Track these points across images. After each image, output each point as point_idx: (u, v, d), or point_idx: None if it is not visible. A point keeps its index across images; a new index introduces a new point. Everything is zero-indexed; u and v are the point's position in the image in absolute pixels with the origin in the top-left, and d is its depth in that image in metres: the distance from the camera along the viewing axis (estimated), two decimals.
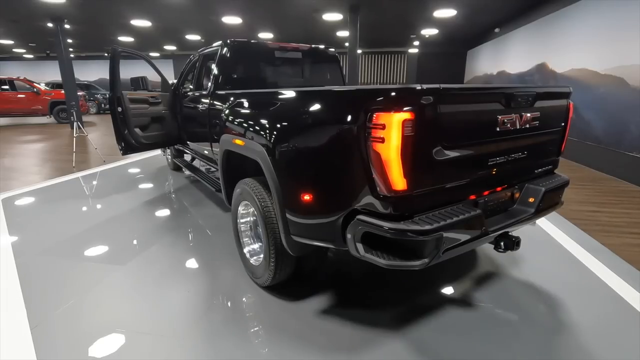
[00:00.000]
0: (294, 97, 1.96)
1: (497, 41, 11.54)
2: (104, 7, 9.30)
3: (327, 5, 8.98)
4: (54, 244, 3.05)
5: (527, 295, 2.34)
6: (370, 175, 1.51)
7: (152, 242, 3.09)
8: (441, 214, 1.59)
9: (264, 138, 2.00)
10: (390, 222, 1.49)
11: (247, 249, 2.47)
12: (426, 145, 1.49)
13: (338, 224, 1.69)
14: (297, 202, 1.83)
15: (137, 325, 2.00)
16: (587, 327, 2.01)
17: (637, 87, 5.11)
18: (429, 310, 2.14)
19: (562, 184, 2.18)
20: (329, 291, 2.33)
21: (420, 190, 1.54)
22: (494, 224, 1.85)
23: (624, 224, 3.60)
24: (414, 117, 1.41)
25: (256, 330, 1.98)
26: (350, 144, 1.55)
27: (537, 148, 2.08)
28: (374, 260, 1.57)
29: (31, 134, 10.17)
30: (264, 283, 2.25)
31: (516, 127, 1.80)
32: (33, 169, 5.92)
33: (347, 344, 1.85)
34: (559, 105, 2.12)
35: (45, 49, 18.47)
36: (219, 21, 10.85)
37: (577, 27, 6.71)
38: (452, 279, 2.50)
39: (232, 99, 2.69)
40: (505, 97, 1.71)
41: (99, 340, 1.88)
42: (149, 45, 17.52)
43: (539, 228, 3.41)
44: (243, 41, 3.47)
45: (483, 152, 1.73)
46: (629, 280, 2.49)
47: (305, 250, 1.99)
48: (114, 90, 3.92)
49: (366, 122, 1.47)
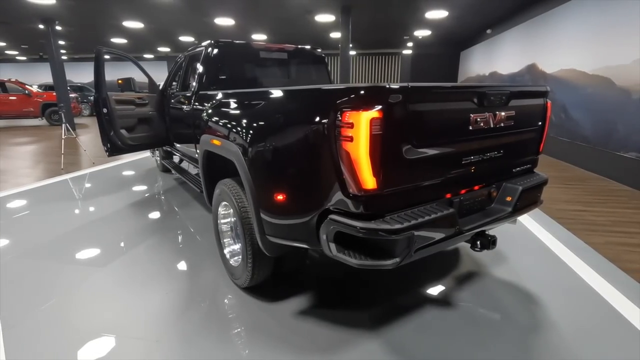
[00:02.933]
0: (267, 97, 1.96)
1: (489, 42, 11.61)
2: (94, 8, 9.26)
3: (319, 6, 8.99)
4: (35, 246, 3.02)
5: (506, 294, 2.34)
6: (340, 175, 1.50)
7: (136, 244, 3.07)
8: (414, 212, 1.59)
9: (239, 138, 2.00)
10: (361, 222, 1.49)
11: (227, 249, 2.46)
12: (395, 144, 1.48)
13: (312, 223, 1.68)
14: (271, 202, 1.82)
15: (113, 327, 1.98)
16: (563, 325, 2.01)
17: (623, 86, 5.15)
18: (408, 310, 2.14)
19: (541, 182, 2.19)
20: (309, 292, 2.32)
21: (391, 189, 1.53)
22: (470, 222, 1.85)
23: (609, 223, 3.61)
24: (382, 115, 1.40)
25: (233, 331, 1.96)
26: (321, 143, 1.54)
27: (514, 147, 2.08)
28: (345, 260, 1.56)
29: (22, 136, 10.09)
30: (243, 284, 2.24)
31: (490, 126, 1.80)
32: (21, 171, 5.86)
33: (323, 345, 1.84)
34: (535, 105, 2.13)
35: (38, 51, 18.36)
36: (211, 23, 10.83)
37: (565, 28, 6.76)
38: (434, 279, 2.50)
39: (212, 99, 2.68)
40: (477, 96, 1.71)
41: (72, 341, 1.86)
42: (142, 47, 17.47)
43: (522, 227, 3.42)
44: (227, 42, 3.45)
45: (456, 151, 1.72)
46: (608, 278, 2.49)
47: (281, 251, 1.98)
48: (99, 91, 3.90)
49: (335, 121, 1.46)
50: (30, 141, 9.22)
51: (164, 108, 4.36)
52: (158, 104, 4.41)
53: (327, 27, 11.38)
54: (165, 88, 4.44)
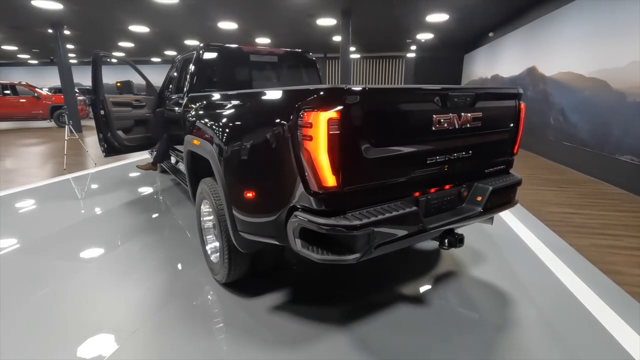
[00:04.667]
0: (238, 98, 2.04)
1: (491, 45, 11.59)
2: (101, 13, 9.50)
3: (319, 10, 9.10)
4: (29, 243, 3.13)
5: (479, 293, 2.37)
6: (303, 173, 1.56)
7: (126, 240, 3.16)
8: (375, 210, 1.64)
9: (214, 137, 2.08)
10: (323, 218, 1.55)
11: (209, 246, 2.53)
12: (354, 144, 1.54)
13: (280, 220, 1.74)
14: (241, 200, 1.90)
15: (92, 319, 2.06)
16: (530, 324, 2.04)
17: (618, 89, 5.13)
18: (380, 307, 2.18)
19: (513, 183, 2.21)
20: (286, 289, 2.38)
21: (352, 187, 1.59)
22: (437, 221, 1.89)
23: (597, 226, 3.61)
24: (340, 116, 1.46)
25: (205, 324, 2.03)
26: (285, 142, 1.61)
27: (485, 148, 2.12)
28: (308, 255, 1.62)
29: (30, 138, 10.36)
30: (221, 280, 2.31)
31: (455, 126, 1.85)
32: (26, 171, 6.04)
33: (292, 339, 1.90)
34: (505, 106, 2.16)
35: (48, 55, 18.83)
36: (215, 27, 11.02)
37: (563, 32, 6.74)
38: (412, 278, 2.54)
39: (197, 101, 2.77)
40: (440, 97, 1.76)
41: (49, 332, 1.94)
42: (149, 51, 17.79)
43: (507, 228, 3.43)
44: (218, 45, 3.55)
45: (419, 151, 1.77)
46: (585, 279, 2.50)
47: (254, 247, 2.05)
48: (96, 94, 4.03)
49: (297, 121, 1.53)
50: (37, 142, 9.46)
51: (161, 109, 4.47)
52: (155, 105, 4.53)
53: (329, 30, 11.49)
54: (163, 90, 4.56)
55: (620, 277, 2.56)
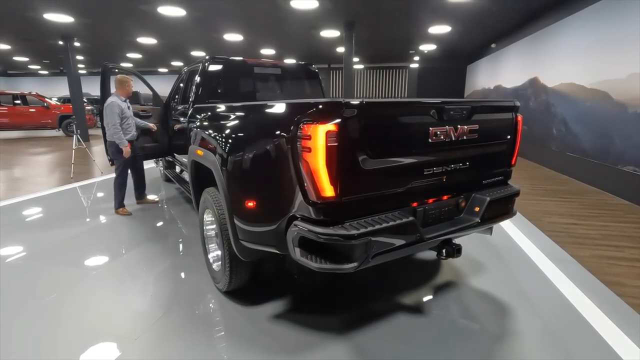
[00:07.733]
0: (240, 110, 2.11)
1: (493, 56, 11.67)
2: (110, 26, 9.74)
3: (323, 22, 9.26)
4: (36, 250, 3.20)
5: (478, 303, 2.38)
6: (302, 183, 1.61)
7: (130, 248, 3.22)
8: (373, 220, 1.68)
9: (217, 148, 2.14)
10: (321, 227, 1.59)
11: (211, 254, 2.58)
12: (352, 155, 1.59)
13: (280, 229, 1.78)
14: (243, 209, 1.95)
15: (95, 326, 2.10)
16: (528, 334, 2.05)
17: (619, 100, 5.15)
18: (380, 316, 2.20)
19: (511, 194, 2.24)
20: (287, 297, 2.41)
21: (350, 197, 1.63)
22: (435, 231, 1.92)
23: (599, 237, 3.60)
24: (338, 128, 1.52)
25: (207, 331, 2.06)
26: (285, 153, 1.67)
27: (482, 159, 2.16)
28: (307, 264, 1.65)
29: (38, 147, 10.55)
30: (223, 288, 2.35)
31: (451, 138, 1.89)
32: (34, 179, 6.16)
33: (292, 347, 1.92)
34: (502, 119, 2.20)
35: (59, 66, 19.24)
36: (221, 38, 11.23)
37: (565, 43, 6.81)
38: (411, 287, 2.56)
39: (201, 112, 2.85)
40: (436, 110, 1.81)
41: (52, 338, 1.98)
42: (157, 62, 18.13)
43: (507, 238, 3.44)
44: (223, 58, 3.65)
45: (416, 162, 1.81)
46: (585, 289, 2.51)
47: (255, 256, 2.09)
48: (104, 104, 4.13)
49: (297, 133, 1.59)
50: (46, 151, 9.63)
51: (167, 120, 4.57)
52: (161, 115, 4.63)
53: (332, 42, 11.66)
54: (169, 101, 4.66)
55: (621, 289, 2.55)
